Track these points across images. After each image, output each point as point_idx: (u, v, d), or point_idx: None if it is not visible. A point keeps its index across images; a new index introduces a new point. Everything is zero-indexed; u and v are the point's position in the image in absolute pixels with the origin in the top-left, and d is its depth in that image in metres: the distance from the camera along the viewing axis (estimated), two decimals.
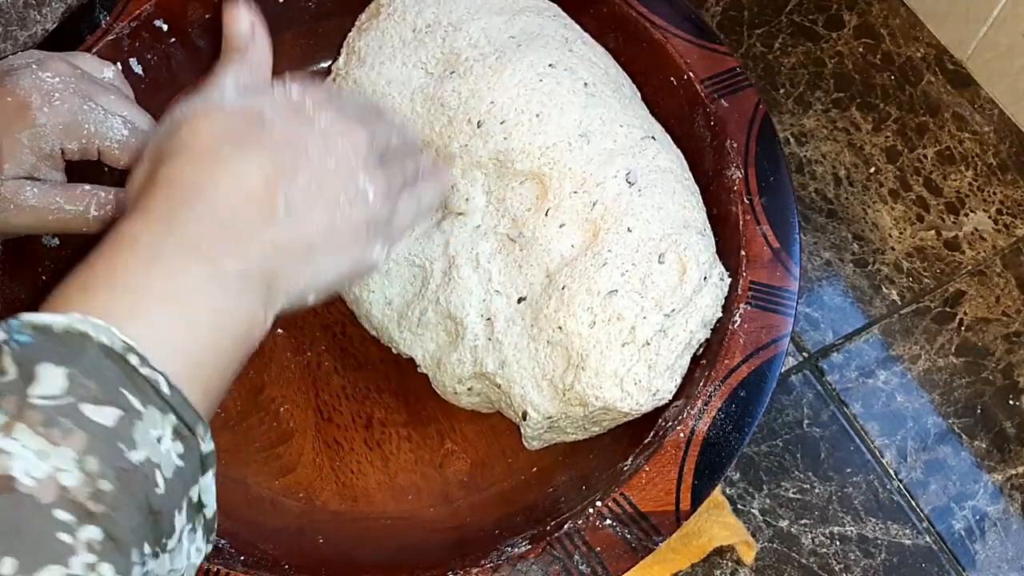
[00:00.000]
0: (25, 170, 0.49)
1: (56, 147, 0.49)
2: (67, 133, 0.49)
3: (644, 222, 0.52)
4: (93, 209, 0.50)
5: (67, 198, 0.49)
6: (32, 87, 0.49)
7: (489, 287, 0.53)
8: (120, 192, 0.51)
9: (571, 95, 0.54)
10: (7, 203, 0.48)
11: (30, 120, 0.48)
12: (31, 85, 0.49)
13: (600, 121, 0.54)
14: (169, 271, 0.35)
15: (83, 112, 0.50)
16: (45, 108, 0.49)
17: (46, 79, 0.49)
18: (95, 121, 0.50)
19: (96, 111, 0.50)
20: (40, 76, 0.49)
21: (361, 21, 0.62)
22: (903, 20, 0.77)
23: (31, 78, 0.49)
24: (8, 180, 0.48)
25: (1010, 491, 0.61)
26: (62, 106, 0.49)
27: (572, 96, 0.54)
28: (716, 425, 0.49)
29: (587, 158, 0.53)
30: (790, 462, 0.61)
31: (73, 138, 0.50)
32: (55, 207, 0.49)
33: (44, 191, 0.49)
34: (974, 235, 0.69)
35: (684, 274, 0.51)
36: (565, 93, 0.54)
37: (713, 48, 0.60)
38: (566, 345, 0.50)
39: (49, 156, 0.49)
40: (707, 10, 0.77)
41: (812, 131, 0.73)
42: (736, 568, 0.58)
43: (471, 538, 0.53)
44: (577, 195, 0.52)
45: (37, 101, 0.49)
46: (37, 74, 0.49)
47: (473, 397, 0.55)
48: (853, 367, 0.64)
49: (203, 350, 0.35)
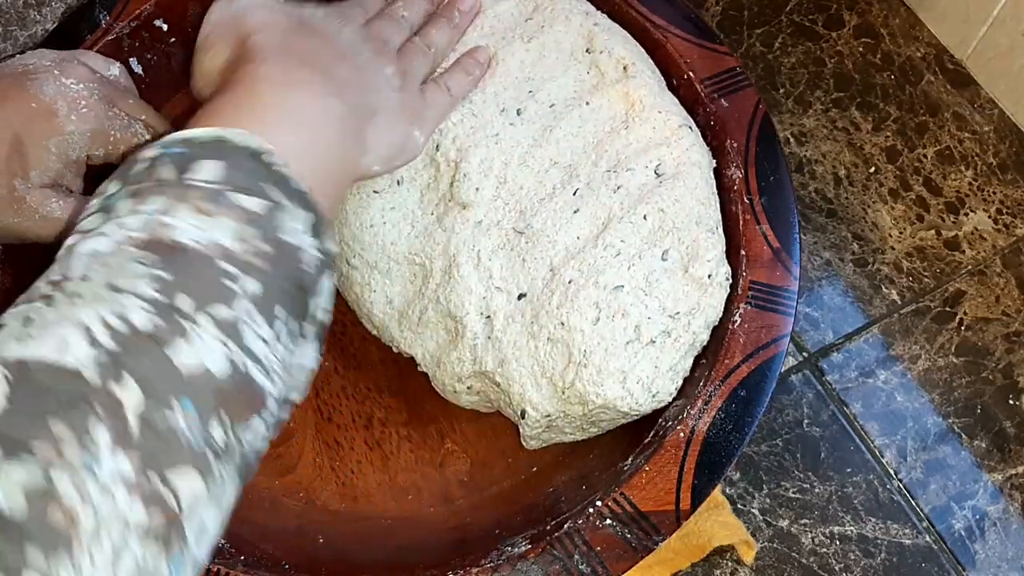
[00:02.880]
0: (51, 177, 0.49)
1: (83, 154, 0.50)
2: (94, 140, 0.50)
3: (659, 211, 0.52)
4: None
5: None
6: (57, 94, 0.49)
7: (490, 284, 0.53)
8: None
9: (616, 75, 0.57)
10: (32, 212, 0.48)
11: (58, 128, 0.48)
12: (56, 92, 0.49)
13: (640, 105, 0.55)
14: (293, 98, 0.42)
15: (108, 119, 0.50)
16: (73, 116, 0.49)
17: (71, 86, 0.49)
18: (120, 127, 0.51)
19: (120, 117, 0.51)
20: (64, 83, 0.49)
21: None
22: (903, 20, 0.77)
23: (55, 84, 0.49)
24: (35, 189, 0.48)
25: (1010, 491, 0.61)
26: (89, 114, 0.49)
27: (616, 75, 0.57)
28: (716, 425, 0.49)
29: (625, 143, 0.54)
30: (790, 462, 0.61)
31: (99, 145, 0.50)
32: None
33: (69, 203, 0.49)
34: (974, 235, 0.69)
35: (688, 272, 0.52)
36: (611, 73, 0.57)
37: (713, 48, 0.60)
38: (567, 342, 0.50)
39: (75, 163, 0.50)
40: (707, 10, 0.77)
41: (812, 131, 0.73)
42: (736, 568, 0.58)
43: (471, 538, 0.53)
44: (609, 174, 0.54)
45: (64, 109, 0.49)
46: (60, 80, 0.49)
47: (473, 396, 0.55)
48: (853, 367, 0.64)
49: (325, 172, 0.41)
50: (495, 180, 0.54)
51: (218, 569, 0.47)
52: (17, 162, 0.48)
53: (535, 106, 0.56)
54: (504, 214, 0.54)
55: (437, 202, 0.55)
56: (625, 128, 0.55)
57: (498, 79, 0.56)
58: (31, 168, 0.48)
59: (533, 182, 0.54)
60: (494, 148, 0.54)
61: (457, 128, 0.55)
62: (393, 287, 0.56)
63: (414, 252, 0.55)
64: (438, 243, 0.54)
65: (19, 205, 0.48)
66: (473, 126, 0.55)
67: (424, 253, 0.54)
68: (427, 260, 0.54)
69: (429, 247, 0.54)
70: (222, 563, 0.47)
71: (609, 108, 0.56)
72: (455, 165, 0.54)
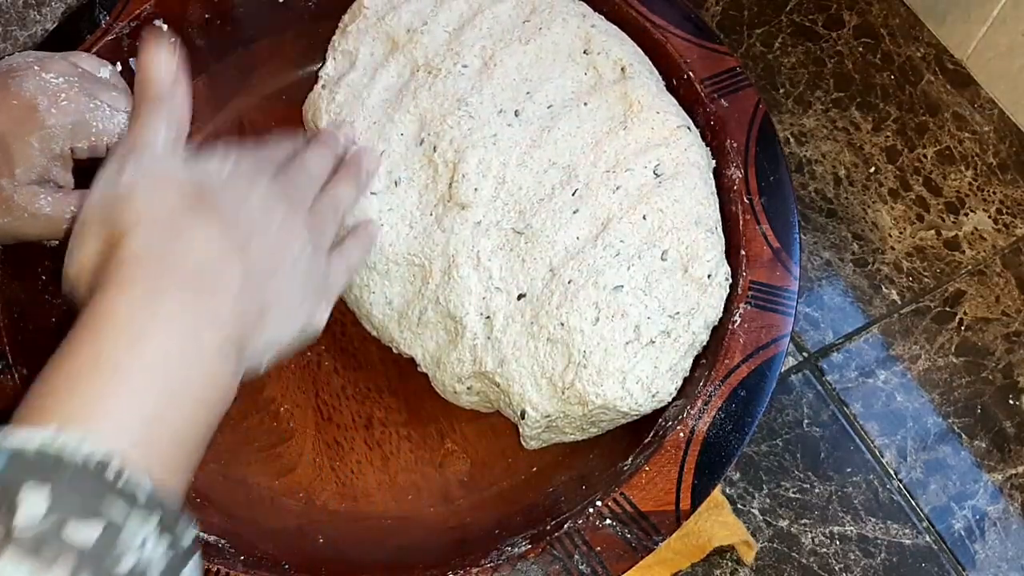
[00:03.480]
0: (37, 173, 0.49)
1: (66, 147, 0.49)
2: (76, 133, 0.49)
3: (658, 211, 0.52)
4: None
5: (80, 206, 0.49)
6: (37, 89, 0.49)
7: (489, 284, 0.53)
8: None
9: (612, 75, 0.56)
10: (22, 211, 0.48)
11: (38, 122, 0.48)
12: (36, 87, 0.49)
13: (639, 106, 0.55)
14: (151, 348, 0.35)
15: (90, 111, 0.50)
16: (53, 109, 0.49)
17: (50, 80, 0.49)
18: (102, 119, 0.50)
19: (102, 108, 0.50)
20: (44, 77, 0.49)
21: (344, 23, 0.62)
22: (903, 20, 0.77)
23: (35, 80, 0.49)
24: (22, 186, 0.48)
25: (1010, 491, 0.61)
26: (69, 106, 0.49)
27: (612, 75, 0.56)
28: (716, 425, 0.49)
29: (624, 143, 0.54)
30: (790, 462, 0.61)
31: (82, 137, 0.50)
32: (69, 215, 0.49)
33: (58, 200, 0.49)
34: (974, 235, 0.69)
35: (687, 272, 0.52)
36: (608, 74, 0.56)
37: (713, 48, 0.60)
38: (567, 342, 0.50)
39: (59, 156, 0.49)
40: (707, 10, 0.77)
41: (812, 131, 0.73)
42: (736, 568, 0.58)
43: (471, 538, 0.53)
44: (608, 175, 0.53)
45: (44, 103, 0.48)
46: (40, 75, 0.49)
47: (473, 396, 0.55)
48: (853, 367, 0.64)
49: (186, 425, 0.36)
50: (494, 180, 0.54)
51: (218, 569, 0.47)
52: (2, 161, 0.47)
53: (533, 107, 0.56)
54: (503, 214, 0.54)
55: (436, 203, 0.55)
56: (623, 129, 0.55)
57: (496, 80, 0.56)
58: (16, 166, 0.48)
59: (532, 182, 0.54)
60: (492, 149, 0.54)
61: (454, 130, 0.55)
62: (392, 288, 0.56)
63: (413, 253, 0.55)
64: (437, 244, 0.54)
65: (8, 204, 0.48)
66: (471, 127, 0.55)
67: (423, 254, 0.54)
68: (426, 261, 0.54)
69: (428, 248, 0.54)
70: (222, 563, 0.47)
71: (607, 109, 0.56)
72: (453, 166, 0.54)
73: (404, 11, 0.59)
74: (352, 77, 0.59)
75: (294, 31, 0.66)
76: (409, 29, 0.59)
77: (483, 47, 0.57)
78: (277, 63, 0.67)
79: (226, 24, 0.64)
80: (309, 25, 0.66)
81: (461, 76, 0.57)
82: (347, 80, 0.59)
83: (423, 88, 0.57)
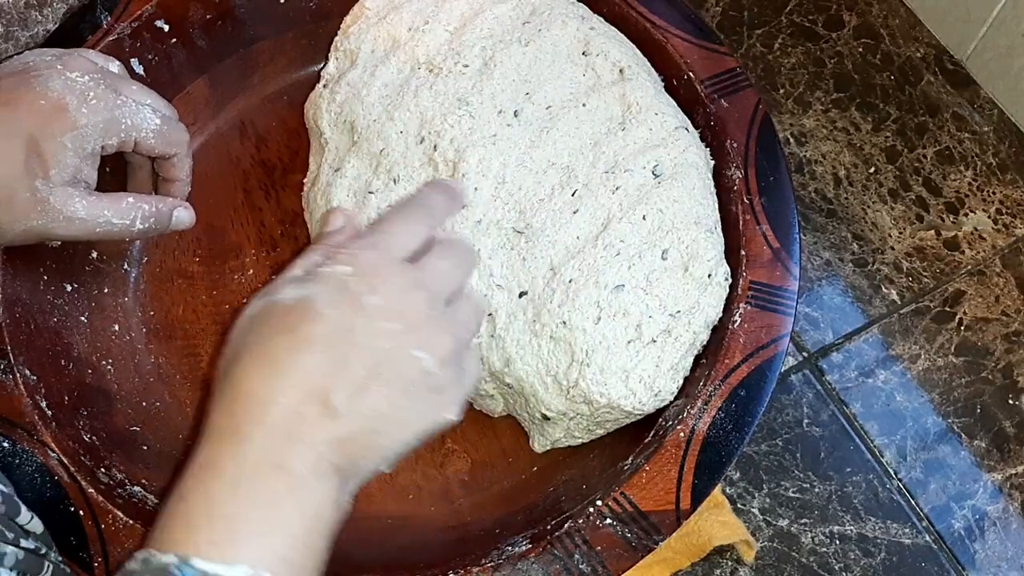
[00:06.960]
0: (71, 173, 0.48)
1: (97, 146, 0.49)
2: (107, 130, 0.49)
3: (658, 211, 0.52)
4: (139, 223, 0.50)
5: (115, 211, 0.49)
6: (65, 89, 0.48)
7: (490, 282, 0.53)
8: (160, 202, 0.52)
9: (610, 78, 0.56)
10: (57, 214, 0.48)
11: (70, 122, 0.48)
12: (63, 87, 0.48)
13: (637, 107, 0.55)
14: (252, 491, 0.36)
15: (117, 107, 0.50)
16: (83, 108, 0.48)
17: (76, 79, 0.49)
18: (130, 114, 0.50)
19: (128, 104, 0.51)
20: (70, 77, 0.49)
21: (346, 24, 0.62)
22: (903, 20, 0.77)
23: (61, 79, 0.48)
24: (57, 188, 0.48)
25: (1009, 490, 0.61)
26: (98, 104, 0.49)
27: (611, 78, 0.56)
28: (716, 424, 0.49)
29: (622, 144, 0.54)
30: (790, 462, 0.61)
31: (112, 134, 0.50)
32: (103, 220, 0.49)
33: (92, 203, 0.49)
34: (974, 235, 0.69)
35: (687, 272, 0.52)
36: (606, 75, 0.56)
37: (713, 48, 0.60)
38: (570, 341, 0.50)
39: (91, 155, 0.49)
40: (707, 10, 0.77)
41: (812, 131, 0.73)
42: (736, 567, 0.58)
43: (471, 537, 0.53)
44: (607, 175, 0.53)
45: (74, 102, 0.48)
46: (65, 75, 0.49)
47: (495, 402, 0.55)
48: (853, 367, 0.64)
49: (300, 551, 0.37)
50: (494, 180, 0.54)
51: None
52: (36, 163, 0.47)
53: (532, 108, 0.56)
54: (503, 214, 0.54)
55: None
56: (622, 130, 0.55)
57: (496, 81, 0.56)
58: (51, 167, 0.47)
59: (532, 182, 0.54)
60: (492, 149, 0.54)
61: (454, 129, 0.55)
62: None
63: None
64: None
65: (43, 207, 0.47)
66: (471, 127, 0.55)
67: None
68: None
69: None
70: None
71: (606, 110, 0.56)
72: (453, 165, 0.54)
73: (406, 10, 0.59)
74: (353, 75, 0.59)
75: (295, 32, 0.66)
76: (411, 27, 0.59)
77: (483, 47, 0.57)
78: (278, 63, 0.67)
79: (227, 25, 0.64)
80: (310, 25, 0.66)
81: (462, 75, 0.57)
82: (348, 78, 0.59)
83: (424, 86, 0.57)
